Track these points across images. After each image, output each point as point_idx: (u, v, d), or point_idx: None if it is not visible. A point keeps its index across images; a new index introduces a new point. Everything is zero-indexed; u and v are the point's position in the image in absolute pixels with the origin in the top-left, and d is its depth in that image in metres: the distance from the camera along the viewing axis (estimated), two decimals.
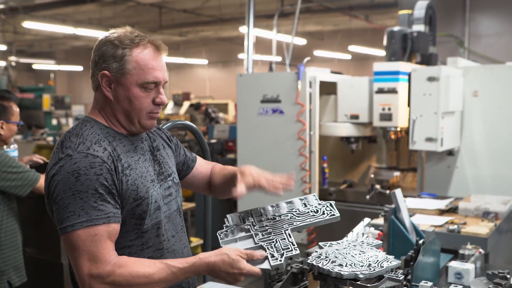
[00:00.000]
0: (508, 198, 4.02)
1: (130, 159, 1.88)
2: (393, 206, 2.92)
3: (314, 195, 2.13)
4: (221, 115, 12.75)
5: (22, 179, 3.07)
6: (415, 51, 5.57)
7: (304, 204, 2.08)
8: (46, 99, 15.24)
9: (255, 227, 1.96)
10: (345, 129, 5.58)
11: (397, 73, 5.11)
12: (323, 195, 5.67)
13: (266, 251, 1.81)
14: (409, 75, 4.91)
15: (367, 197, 5.45)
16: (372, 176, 5.79)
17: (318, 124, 5.57)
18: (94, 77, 1.89)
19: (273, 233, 1.90)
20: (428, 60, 5.70)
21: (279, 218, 2.00)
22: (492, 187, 4.99)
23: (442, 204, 3.95)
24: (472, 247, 2.85)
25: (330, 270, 1.82)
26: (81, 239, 1.68)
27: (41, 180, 3.14)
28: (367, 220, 3.12)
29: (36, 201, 3.20)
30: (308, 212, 2.02)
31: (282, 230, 1.91)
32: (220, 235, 1.97)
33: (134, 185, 1.84)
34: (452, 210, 3.89)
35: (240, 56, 19.13)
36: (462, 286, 2.12)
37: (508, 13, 8.56)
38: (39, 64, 23.07)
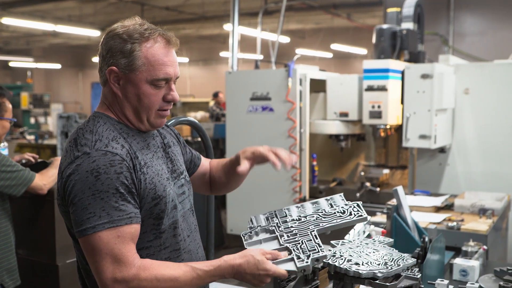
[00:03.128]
0: (502, 195, 4.04)
1: (145, 157, 1.81)
2: (395, 203, 2.90)
3: (341, 195, 2.08)
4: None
5: (17, 178, 2.97)
6: (404, 48, 5.57)
7: (330, 204, 2.03)
8: (25, 97, 15.00)
9: (280, 228, 1.90)
10: (335, 127, 5.56)
11: (386, 70, 5.10)
12: (313, 193, 5.65)
13: (292, 253, 1.75)
14: (403, 72, 4.91)
15: (357, 194, 5.44)
16: (362, 174, 5.78)
17: (309, 121, 5.55)
18: (102, 72, 1.81)
19: (299, 234, 1.84)
20: (416, 58, 5.71)
21: (305, 219, 1.94)
22: (483, 184, 5.02)
23: (437, 201, 3.95)
24: (475, 244, 2.85)
25: (348, 269, 1.79)
26: (103, 242, 1.60)
27: (36, 179, 3.04)
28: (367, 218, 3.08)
29: (29, 200, 3.11)
30: (335, 213, 1.96)
31: (308, 232, 1.85)
32: (244, 237, 1.92)
33: (152, 183, 1.76)
34: (447, 207, 3.89)
35: (222, 54, 19.05)
36: (478, 284, 2.10)
37: (492, 12, 8.65)
38: (16, 62, 22.70)
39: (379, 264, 1.82)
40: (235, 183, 2.22)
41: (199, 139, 7.80)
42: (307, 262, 1.70)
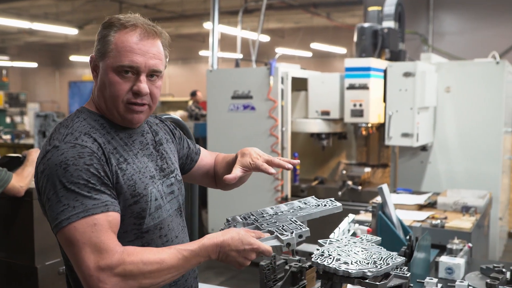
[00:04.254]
0: (484, 193, 4.06)
1: (127, 153, 1.74)
2: (379, 201, 2.88)
3: (313, 197, 2.06)
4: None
5: None
6: (386, 47, 5.59)
7: (304, 203, 2.01)
8: (0, 96, 14.75)
9: (259, 221, 1.86)
10: (316, 126, 5.55)
11: (368, 69, 5.10)
12: (295, 192, 5.63)
13: (275, 233, 1.72)
14: (385, 71, 4.91)
15: (339, 193, 5.43)
16: (343, 172, 5.78)
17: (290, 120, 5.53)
18: None
19: (279, 222, 1.81)
20: (397, 56, 5.72)
21: (281, 213, 1.91)
22: (464, 181, 5.05)
23: (420, 199, 3.95)
24: (459, 242, 2.84)
25: (337, 268, 1.75)
26: (79, 232, 1.51)
27: (13, 180, 2.95)
28: (351, 216, 3.06)
29: (6, 201, 3.01)
30: (309, 207, 1.95)
31: (288, 219, 1.83)
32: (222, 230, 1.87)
33: (131, 180, 1.70)
34: (430, 205, 3.90)
35: (202, 53, 18.96)
36: (467, 282, 2.08)
37: (470, 12, 8.73)
38: None
39: (368, 263, 1.79)
40: (239, 181, 2.07)
41: None
42: (291, 236, 1.67)
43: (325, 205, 1.94)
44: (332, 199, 2.00)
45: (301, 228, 1.72)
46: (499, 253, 5.45)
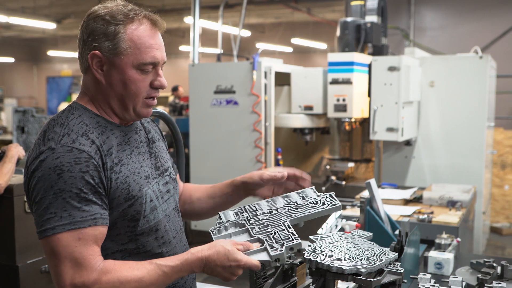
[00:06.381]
0: (469, 187, 4.06)
1: (122, 153, 1.68)
2: (366, 196, 2.85)
3: (312, 188, 2.00)
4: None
5: None
6: (369, 42, 5.56)
7: (302, 197, 1.95)
8: None
9: (251, 221, 1.81)
10: (299, 121, 5.52)
11: (351, 63, 5.08)
12: None
13: (264, 243, 1.66)
14: (369, 65, 4.89)
15: (323, 188, 5.41)
16: (327, 167, 5.76)
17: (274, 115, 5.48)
18: (83, 58, 1.68)
19: (271, 226, 1.75)
20: (380, 51, 5.71)
21: (276, 212, 1.86)
22: (448, 176, 5.06)
23: (406, 194, 3.94)
24: (448, 236, 2.83)
25: (330, 265, 1.71)
26: (62, 244, 1.48)
27: None
28: (339, 212, 3.03)
29: None
30: (307, 204, 1.89)
31: (281, 223, 1.77)
32: (213, 232, 1.81)
33: (125, 183, 1.64)
34: (416, 199, 3.88)
35: (182, 48, 18.82)
36: (461, 278, 2.06)
37: (451, 7, 8.77)
38: None
39: (361, 259, 1.75)
40: (221, 208, 2.04)
41: (163, 133, 7.69)
42: (281, 250, 1.61)
43: (323, 204, 1.88)
44: (332, 194, 1.94)
45: (292, 240, 1.66)
46: (482, 247, 5.48)
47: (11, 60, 22.55)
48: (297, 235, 1.68)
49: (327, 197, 1.91)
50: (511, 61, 8.18)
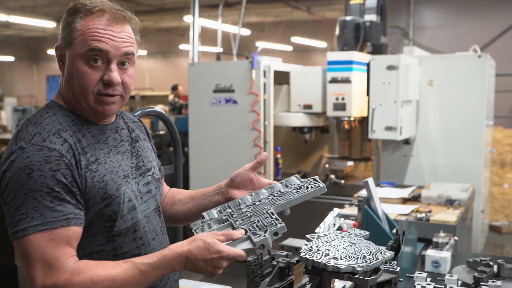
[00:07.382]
0: (467, 186, 4.07)
1: (99, 152, 1.63)
2: (364, 194, 2.86)
3: (296, 176, 1.96)
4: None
5: None
6: (368, 40, 5.57)
7: (286, 185, 1.91)
8: None
9: (234, 215, 1.78)
10: (299, 119, 5.52)
11: (350, 62, 5.09)
12: None
13: (248, 232, 1.61)
14: (368, 64, 4.89)
15: None
16: (326, 166, 5.77)
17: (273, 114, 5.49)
18: None
19: (254, 216, 1.71)
20: (379, 50, 5.72)
21: (260, 203, 1.83)
22: (447, 175, 5.07)
23: (404, 192, 3.94)
24: (445, 235, 2.84)
25: (326, 263, 1.72)
26: (33, 245, 1.43)
27: None
28: (337, 210, 3.04)
29: None
30: (291, 190, 1.87)
31: (264, 211, 1.73)
32: (196, 231, 1.74)
33: (102, 182, 1.59)
34: (414, 198, 3.89)
35: (181, 47, 18.82)
36: (457, 276, 2.07)
37: (451, 6, 8.77)
38: None
39: (357, 258, 1.76)
40: (201, 210, 1.94)
41: (162, 132, 7.70)
42: (264, 235, 1.56)
43: (307, 187, 1.84)
44: (316, 177, 1.90)
45: (276, 224, 1.61)
46: (481, 246, 5.49)
47: (11, 59, 22.56)
48: (280, 220, 1.64)
49: (310, 181, 1.86)
50: (510, 60, 8.19)
